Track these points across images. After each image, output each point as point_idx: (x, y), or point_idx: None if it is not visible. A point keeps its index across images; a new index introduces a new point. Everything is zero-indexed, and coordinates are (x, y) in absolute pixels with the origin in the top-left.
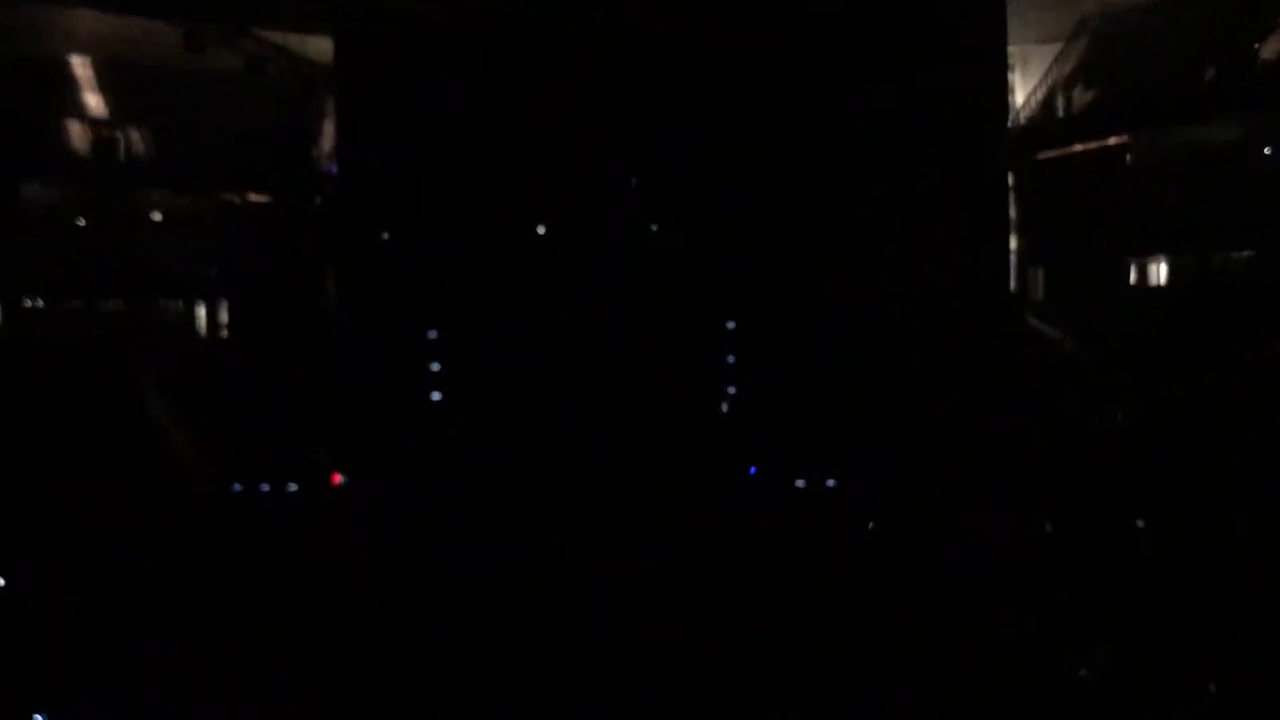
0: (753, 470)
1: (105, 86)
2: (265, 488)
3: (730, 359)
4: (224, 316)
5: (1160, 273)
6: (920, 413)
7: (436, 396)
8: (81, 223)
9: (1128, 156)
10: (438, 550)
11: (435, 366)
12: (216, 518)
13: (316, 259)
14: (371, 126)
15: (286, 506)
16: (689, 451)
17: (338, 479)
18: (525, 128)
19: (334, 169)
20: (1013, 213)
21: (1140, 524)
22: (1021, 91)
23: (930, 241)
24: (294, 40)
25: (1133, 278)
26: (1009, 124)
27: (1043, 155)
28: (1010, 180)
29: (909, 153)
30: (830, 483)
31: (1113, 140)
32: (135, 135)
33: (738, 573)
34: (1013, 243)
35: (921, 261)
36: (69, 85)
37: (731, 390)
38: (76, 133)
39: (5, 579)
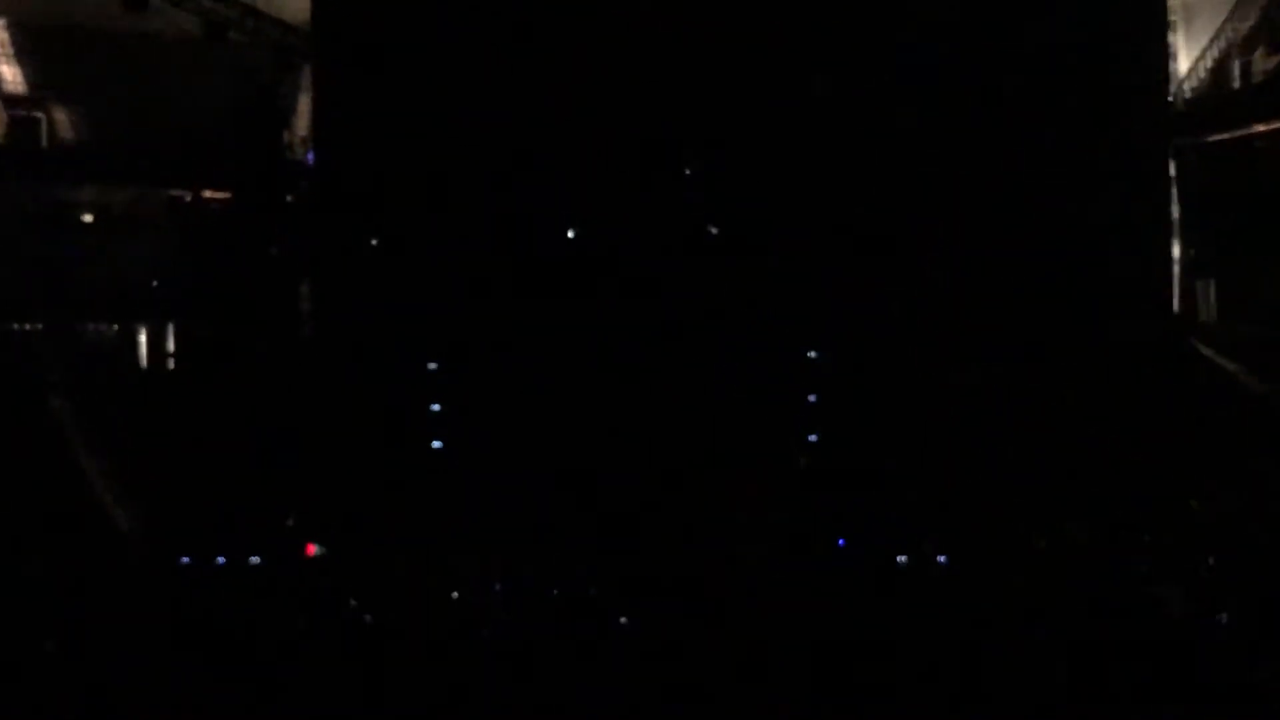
0: (841, 542)
1: (23, 55)
2: (221, 560)
3: (812, 398)
4: (171, 343)
5: None
6: (1058, 470)
7: (437, 445)
8: None
9: None
10: (440, 645)
11: (436, 407)
12: (159, 598)
13: (288, 271)
14: (357, 106)
15: (248, 584)
16: (758, 519)
17: (312, 550)
18: (550, 106)
19: (310, 158)
20: (1175, 212)
21: None
22: (1186, 56)
23: (1069, 248)
24: None
25: None
26: (1170, 98)
27: (1214, 138)
28: (1172, 170)
29: (1040, 136)
30: (941, 559)
31: None
32: (61, 116)
33: (822, 681)
34: (1175, 250)
35: (1058, 274)
36: None
37: (813, 439)
38: None
39: None
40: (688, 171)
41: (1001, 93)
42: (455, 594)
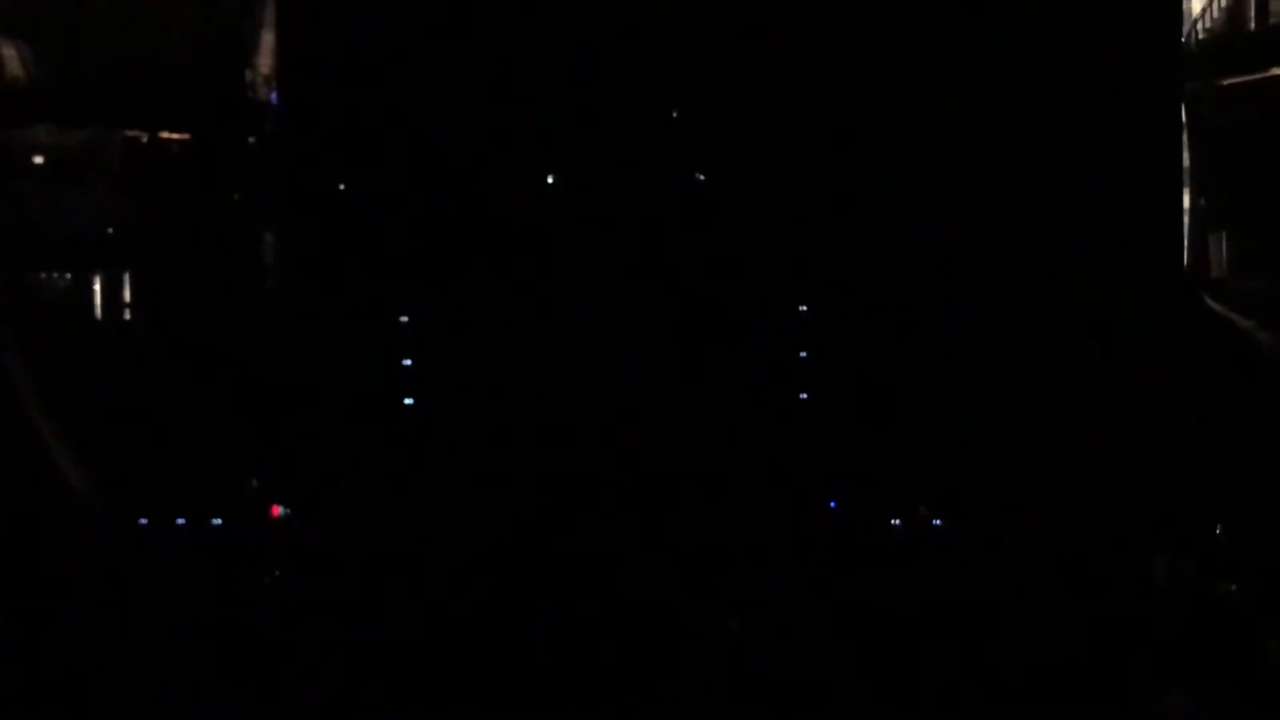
0: (833, 505)
1: None
2: (181, 522)
3: (803, 354)
4: (126, 293)
5: None
6: (1058, 431)
7: (409, 402)
8: None
9: None
10: (413, 613)
11: (408, 362)
12: (114, 562)
13: (250, 217)
14: (325, 42)
15: (209, 547)
16: (744, 481)
17: (277, 511)
18: (530, 42)
19: (274, 97)
20: (1186, 160)
21: None
22: None
23: (1070, 199)
24: None
25: None
26: (1183, 39)
27: (1228, 81)
28: (1183, 116)
29: (1041, 79)
30: (937, 522)
31: None
32: (10, 52)
33: (811, 652)
34: (1185, 200)
35: (1058, 226)
36: None
37: (804, 396)
38: None
39: None
40: (674, 114)
41: (999, 31)
42: (430, 560)
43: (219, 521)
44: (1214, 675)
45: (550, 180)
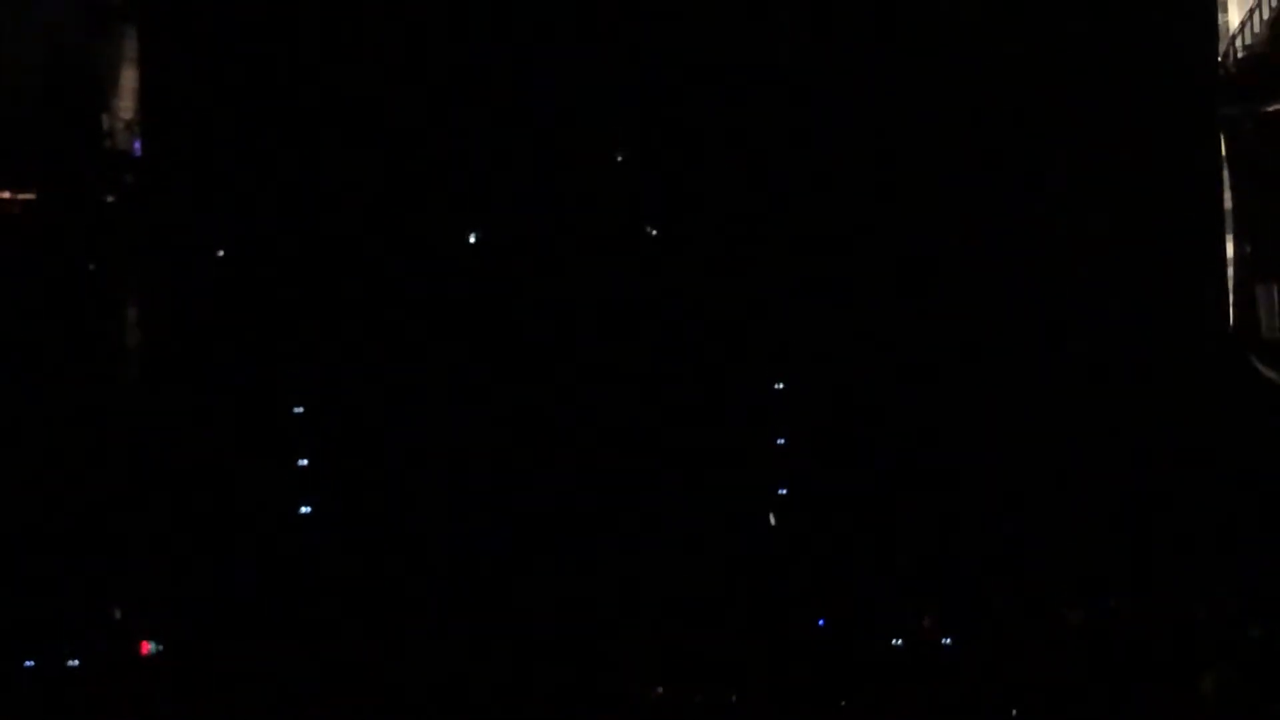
0: (820, 622)
1: None
2: (29, 664)
3: (780, 440)
4: None
5: None
6: (1090, 524)
7: (306, 510)
8: None
9: None
10: None
11: (304, 462)
12: None
13: (109, 292)
14: (197, 79)
15: (63, 693)
16: (714, 594)
17: (147, 649)
18: (441, 71)
19: (137, 146)
20: (1228, 200)
21: None
22: (1238, 7)
23: (1096, 248)
24: None
25: None
26: (1218, 58)
27: (1273, 107)
28: (1222, 149)
29: (1058, 108)
30: (946, 640)
31: None
32: None
33: None
34: (1229, 248)
35: (1083, 280)
36: None
37: (783, 492)
38: None
39: None
40: (619, 158)
41: (1012, 53)
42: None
43: (75, 663)
44: None
45: (472, 239)
